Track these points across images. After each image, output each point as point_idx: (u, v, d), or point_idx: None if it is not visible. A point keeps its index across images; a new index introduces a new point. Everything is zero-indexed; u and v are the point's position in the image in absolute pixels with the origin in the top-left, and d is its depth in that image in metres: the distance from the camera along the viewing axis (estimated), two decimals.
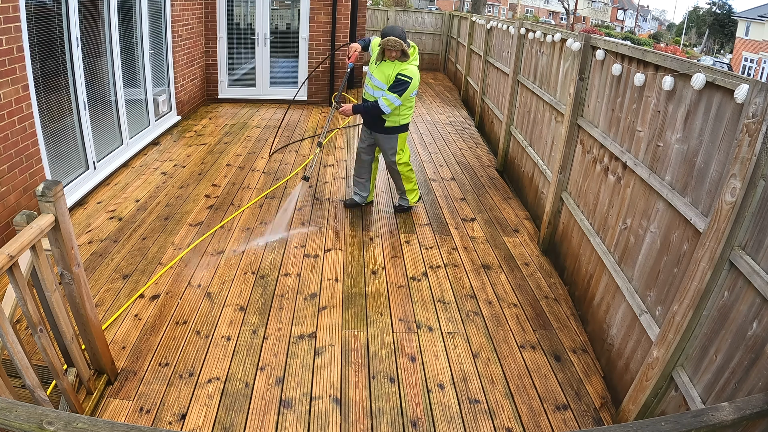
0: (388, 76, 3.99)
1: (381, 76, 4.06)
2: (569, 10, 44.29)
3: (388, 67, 4.03)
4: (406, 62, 3.97)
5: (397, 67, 3.96)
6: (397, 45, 3.87)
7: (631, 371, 2.56)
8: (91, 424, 1.20)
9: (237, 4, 8.32)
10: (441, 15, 13.83)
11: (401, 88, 3.95)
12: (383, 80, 4.03)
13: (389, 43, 3.87)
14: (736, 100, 1.88)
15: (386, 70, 4.02)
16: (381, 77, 4.05)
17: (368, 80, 4.20)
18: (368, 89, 4.19)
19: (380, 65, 4.09)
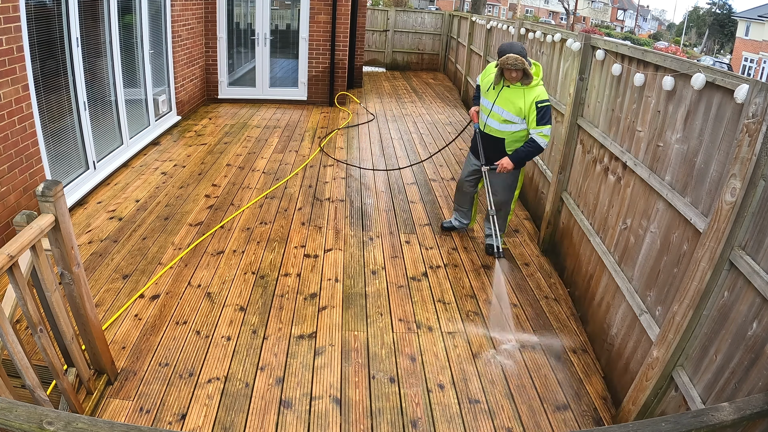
0: (521, 109, 3.46)
1: (510, 107, 3.50)
2: (569, 10, 44.29)
3: (515, 95, 3.46)
4: (534, 85, 3.43)
5: (529, 95, 3.41)
6: (518, 64, 3.29)
7: (631, 371, 2.56)
8: (91, 424, 1.20)
9: (237, 4, 8.32)
10: (441, 15, 13.83)
11: (548, 117, 3.41)
12: (515, 112, 3.49)
13: (509, 61, 3.30)
14: (736, 100, 1.88)
15: (515, 100, 3.46)
16: (511, 109, 3.50)
17: (487, 109, 3.65)
18: (492, 123, 3.63)
19: (503, 93, 3.53)
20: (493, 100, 3.60)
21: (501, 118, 3.57)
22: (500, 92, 3.55)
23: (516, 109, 3.48)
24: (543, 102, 3.39)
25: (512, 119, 3.52)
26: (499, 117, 3.59)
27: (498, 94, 3.57)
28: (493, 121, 3.63)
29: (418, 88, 11.33)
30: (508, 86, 3.51)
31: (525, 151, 3.53)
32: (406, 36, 13.96)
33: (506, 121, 3.55)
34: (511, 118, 3.52)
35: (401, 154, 6.38)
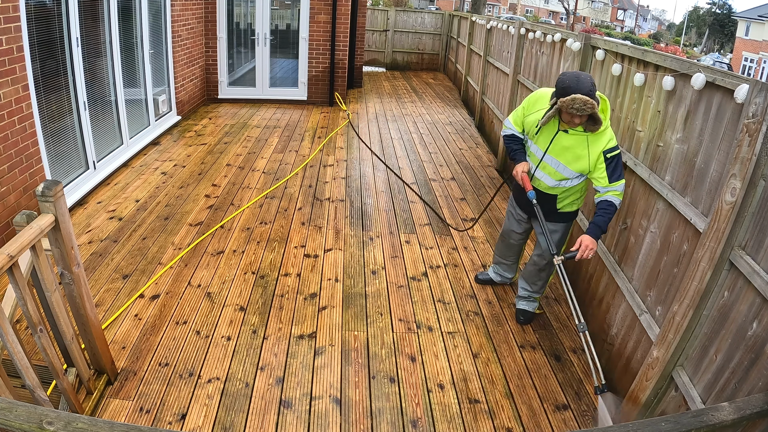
0: (584, 163, 2.62)
1: (568, 159, 2.66)
2: (569, 10, 44.30)
3: (576, 143, 2.61)
4: (601, 130, 2.55)
5: (595, 144, 2.57)
6: (587, 108, 2.39)
7: (631, 371, 2.56)
8: (91, 424, 1.20)
9: (237, 4, 8.32)
10: (441, 15, 13.83)
11: (621, 169, 2.58)
12: (576, 168, 2.65)
13: (575, 105, 2.39)
14: (736, 100, 1.88)
15: (576, 150, 2.62)
16: (570, 162, 2.66)
17: (536, 158, 2.81)
18: (543, 177, 2.81)
19: (558, 139, 2.67)
20: (545, 148, 2.74)
21: (555, 173, 2.74)
22: (555, 137, 2.69)
23: (578, 165, 2.64)
24: (612, 151, 2.55)
25: (569, 175, 2.71)
26: (553, 171, 2.75)
27: (552, 140, 2.70)
28: (545, 176, 2.80)
29: (418, 88, 11.33)
30: (566, 131, 2.64)
31: (605, 220, 2.60)
32: (406, 36, 13.96)
33: (562, 177, 2.74)
34: (568, 174, 2.71)
35: (401, 154, 6.38)
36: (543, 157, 2.77)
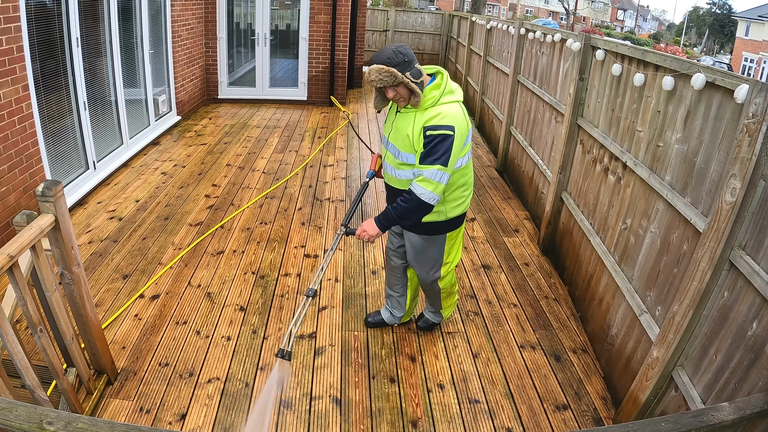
0: (409, 138, 2.28)
1: (398, 139, 2.35)
2: (569, 10, 44.30)
3: (405, 121, 2.32)
4: (429, 105, 2.25)
5: (420, 119, 2.24)
6: (383, 77, 2.18)
7: (631, 371, 2.56)
8: (91, 424, 1.20)
9: (237, 4, 8.32)
10: (441, 15, 13.83)
11: (440, 152, 2.19)
12: (405, 146, 2.32)
13: (371, 76, 2.21)
14: (736, 100, 1.88)
15: (405, 128, 2.31)
16: (399, 142, 2.35)
17: (383, 149, 2.55)
18: (388, 168, 2.51)
19: (395, 120, 2.39)
20: (387, 133, 2.45)
21: (393, 159, 2.41)
22: (394, 121, 2.39)
23: (405, 145, 2.30)
24: (435, 129, 2.19)
25: (404, 159, 2.36)
26: (392, 158, 2.43)
27: (391, 124, 2.41)
28: (388, 165, 2.48)
29: None
30: (399, 111, 2.36)
31: (396, 209, 2.30)
32: (406, 36, 13.96)
33: (401, 164, 2.38)
34: (403, 158, 2.36)
35: None
36: (386, 145, 2.47)
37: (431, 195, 2.25)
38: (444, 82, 2.30)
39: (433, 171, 2.21)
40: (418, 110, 2.29)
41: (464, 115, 2.32)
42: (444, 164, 2.21)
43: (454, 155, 2.23)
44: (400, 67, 2.19)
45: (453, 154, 2.22)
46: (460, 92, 2.37)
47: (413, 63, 2.23)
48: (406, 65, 2.20)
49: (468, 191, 2.52)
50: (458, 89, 2.37)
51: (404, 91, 2.25)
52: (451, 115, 2.23)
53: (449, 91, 2.30)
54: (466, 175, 2.47)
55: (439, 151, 2.20)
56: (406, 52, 2.22)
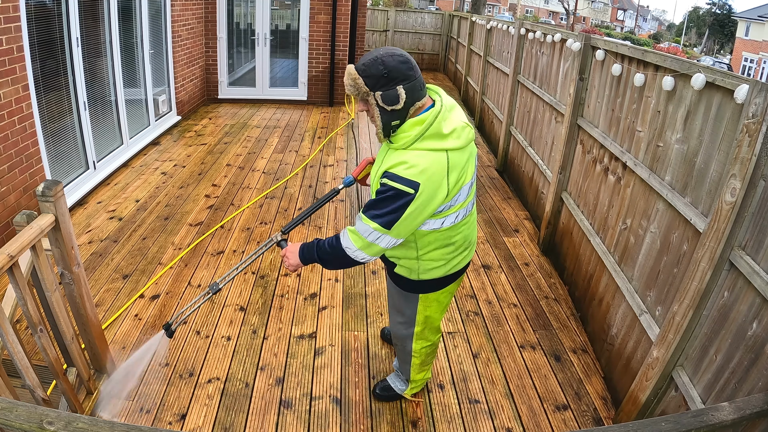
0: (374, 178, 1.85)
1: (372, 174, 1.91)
2: (569, 11, 44.31)
3: (381, 153, 1.89)
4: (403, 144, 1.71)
5: (388, 158, 1.75)
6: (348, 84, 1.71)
7: (631, 371, 2.56)
8: (91, 424, 1.20)
9: (237, 4, 8.32)
10: (441, 15, 13.83)
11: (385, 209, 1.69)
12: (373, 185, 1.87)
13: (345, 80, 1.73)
14: (736, 100, 1.88)
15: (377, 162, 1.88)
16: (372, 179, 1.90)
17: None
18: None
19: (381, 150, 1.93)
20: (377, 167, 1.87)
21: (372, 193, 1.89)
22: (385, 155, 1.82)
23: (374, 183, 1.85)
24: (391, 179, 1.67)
25: None
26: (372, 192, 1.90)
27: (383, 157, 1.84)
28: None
29: None
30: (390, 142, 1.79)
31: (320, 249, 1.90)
32: (406, 36, 13.96)
33: None
34: None
35: None
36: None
37: (358, 252, 1.78)
38: (431, 118, 1.68)
39: (367, 228, 1.73)
40: (391, 146, 1.77)
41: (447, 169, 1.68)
42: (385, 226, 1.70)
43: (409, 219, 1.68)
44: (371, 81, 1.66)
45: (405, 219, 1.68)
46: (458, 136, 1.72)
47: (395, 82, 1.65)
48: (379, 80, 1.65)
49: (455, 253, 1.95)
50: (457, 133, 1.72)
51: (371, 111, 1.72)
52: (420, 169, 1.64)
53: (435, 134, 1.68)
54: (456, 235, 1.90)
55: (385, 209, 1.68)
56: (391, 66, 1.64)
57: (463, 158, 1.75)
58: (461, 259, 2.01)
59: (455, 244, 1.93)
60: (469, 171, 1.79)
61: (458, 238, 1.92)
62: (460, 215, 1.85)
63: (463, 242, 1.96)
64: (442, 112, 1.71)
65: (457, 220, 1.86)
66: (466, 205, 1.85)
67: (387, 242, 1.76)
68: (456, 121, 1.73)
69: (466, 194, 1.82)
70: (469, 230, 1.98)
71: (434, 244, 1.89)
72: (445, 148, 1.68)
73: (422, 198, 1.65)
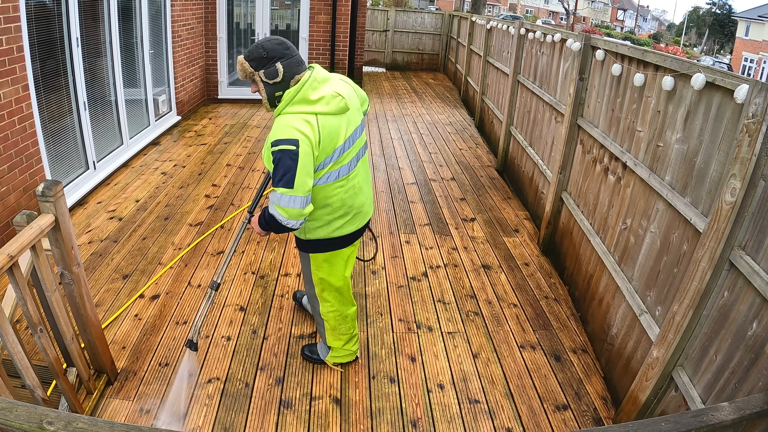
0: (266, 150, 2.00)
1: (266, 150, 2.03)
2: (569, 11, 44.31)
3: None
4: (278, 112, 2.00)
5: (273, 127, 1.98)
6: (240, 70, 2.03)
7: (631, 371, 2.56)
8: (91, 424, 1.20)
9: (237, 4, 8.32)
10: (441, 15, 13.83)
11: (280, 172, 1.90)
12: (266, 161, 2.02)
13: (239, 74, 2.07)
14: (736, 100, 1.88)
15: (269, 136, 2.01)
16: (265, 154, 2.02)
17: None
18: None
19: None
20: None
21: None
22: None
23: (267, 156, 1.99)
24: (276, 144, 1.90)
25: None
26: None
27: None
28: None
29: (418, 88, 11.33)
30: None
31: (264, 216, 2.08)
32: (406, 36, 13.96)
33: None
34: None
35: (401, 154, 6.38)
36: None
37: (284, 219, 1.97)
38: (299, 86, 1.96)
39: (277, 195, 1.93)
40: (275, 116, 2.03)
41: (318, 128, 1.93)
42: (288, 186, 1.89)
43: (303, 173, 1.89)
44: (254, 62, 1.98)
45: (300, 172, 1.88)
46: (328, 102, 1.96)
47: (273, 60, 1.95)
48: (260, 61, 1.96)
49: (334, 216, 2.15)
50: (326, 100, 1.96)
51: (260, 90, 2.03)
52: (292, 127, 1.89)
53: (303, 100, 1.95)
54: (331, 197, 2.10)
55: (281, 171, 1.89)
56: (269, 47, 1.97)
57: (335, 123, 2.00)
58: (342, 224, 2.21)
59: (332, 206, 2.15)
60: (342, 135, 2.04)
61: (334, 200, 2.13)
62: (332, 176, 2.07)
63: (341, 206, 2.17)
64: (309, 81, 1.98)
65: (329, 180, 2.08)
66: (339, 167, 2.08)
67: (299, 202, 1.94)
68: (326, 90, 2.00)
69: (338, 155, 2.05)
70: (347, 195, 2.16)
71: (315, 204, 2.11)
72: (314, 111, 1.95)
73: (303, 149, 1.90)
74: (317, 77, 2.02)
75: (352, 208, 2.21)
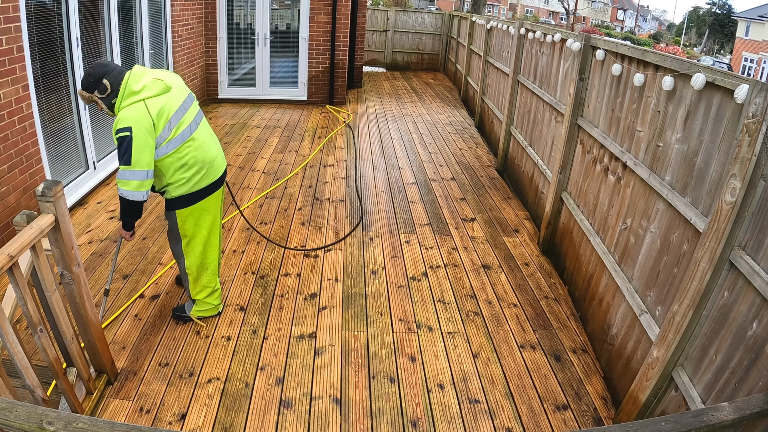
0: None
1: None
2: (569, 10, 44.31)
3: None
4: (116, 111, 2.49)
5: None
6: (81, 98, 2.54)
7: (631, 371, 2.56)
8: (91, 424, 1.20)
9: (237, 4, 8.32)
10: (441, 15, 13.83)
11: (121, 153, 2.40)
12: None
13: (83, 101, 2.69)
14: (736, 100, 1.88)
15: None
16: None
17: None
18: None
19: None
20: None
21: None
22: None
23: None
24: (117, 132, 2.39)
25: None
26: None
27: None
28: None
29: (418, 88, 11.33)
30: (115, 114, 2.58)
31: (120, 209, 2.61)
32: (406, 36, 13.96)
33: None
34: None
35: (401, 154, 6.38)
36: None
37: (128, 192, 2.47)
38: (123, 86, 2.47)
39: (120, 172, 2.45)
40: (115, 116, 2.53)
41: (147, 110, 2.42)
42: (126, 163, 2.41)
43: (138, 151, 2.40)
44: (89, 89, 2.47)
45: (136, 151, 2.40)
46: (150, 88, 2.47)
47: (99, 80, 2.44)
48: (91, 85, 2.46)
49: (190, 172, 2.63)
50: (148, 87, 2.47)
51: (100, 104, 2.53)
52: (127, 118, 2.41)
53: (130, 93, 2.45)
54: (184, 156, 2.59)
55: (121, 152, 2.41)
56: (93, 72, 2.45)
57: (162, 101, 2.48)
58: (200, 178, 2.66)
59: (188, 164, 2.61)
60: (173, 107, 2.53)
61: (188, 158, 2.60)
62: (177, 141, 2.54)
63: (195, 163, 2.63)
64: (130, 79, 2.47)
65: (177, 145, 2.55)
66: (181, 131, 2.56)
67: (138, 175, 2.44)
68: (146, 80, 2.48)
69: (176, 122, 2.53)
70: (197, 152, 2.63)
71: (173, 166, 2.58)
72: (141, 98, 2.44)
73: (137, 133, 2.38)
74: (136, 73, 2.50)
75: (205, 162, 2.67)
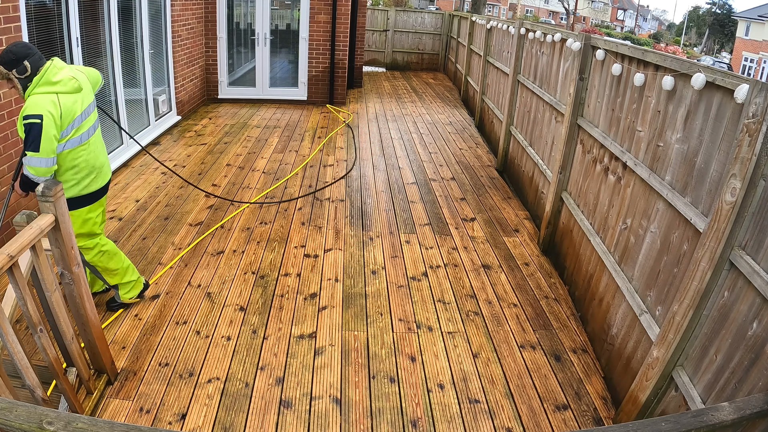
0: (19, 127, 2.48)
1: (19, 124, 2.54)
2: (569, 10, 44.31)
3: None
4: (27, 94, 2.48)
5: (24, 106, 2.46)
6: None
7: (631, 371, 2.56)
8: (91, 424, 1.20)
9: (237, 4, 8.32)
10: (441, 15, 13.84)
11: (29, 140, 2.40)
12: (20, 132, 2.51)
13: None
14: (736, 100, 1.88)
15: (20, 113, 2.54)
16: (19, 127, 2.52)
17: None
18: None
19: None
20: None
21: None
22: None
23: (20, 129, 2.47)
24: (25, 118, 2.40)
25: None
26: None
27: None
28: None
29: (418, 88, 11.32)
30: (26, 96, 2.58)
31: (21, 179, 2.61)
32: (406, 36, 13.97)
33: None
34: None
35: (401, 154, 6.38)
36: None
37: (34, 177, 2.50)
38: (42, 72, 2.48)
39: (29, 158, 2.45)
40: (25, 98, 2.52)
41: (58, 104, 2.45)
42: (34, 150, 2.42)
43: (46, 140, 2.41)
44: (8, 66, 2.44)
45: (44, 138, 2.40)
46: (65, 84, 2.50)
47: (21, 60, 2.43)
48: (12, 63, 2.43)
49: (80, 174, 2.65)
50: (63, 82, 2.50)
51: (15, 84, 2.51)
52: (38, 104, 2.42)
53: (46, 82, 2.47)
54: (77, 159, 2.62)
55: (30, 138, 2.41)
56: (16, 51, 2.44)
57: (72, 99, 2.53)
58: (89, 182, 2.71)
59: (79, 167, 2.64)
60: (79, 108, 2.57)
61: (80, 161, 2.64)
62: (75, 141, 2.58)
63: (85, 166, 2.67)
64: (50, 69, 2.49)
65: (75, 145, 2.59)
66: (80, 134, 2.60)
67: (44, 162, 2.46)
68: (64, 75, 2.51)
69: (78, 123, 2.57)
70: (89, 156, 2.68)
71: (64, 166, 2.60)
72: (56, 91, 2.47)
73: (46, 121, 2.40)
74: (56, 65, 2.53)
75: (94, 168, 2.73)
